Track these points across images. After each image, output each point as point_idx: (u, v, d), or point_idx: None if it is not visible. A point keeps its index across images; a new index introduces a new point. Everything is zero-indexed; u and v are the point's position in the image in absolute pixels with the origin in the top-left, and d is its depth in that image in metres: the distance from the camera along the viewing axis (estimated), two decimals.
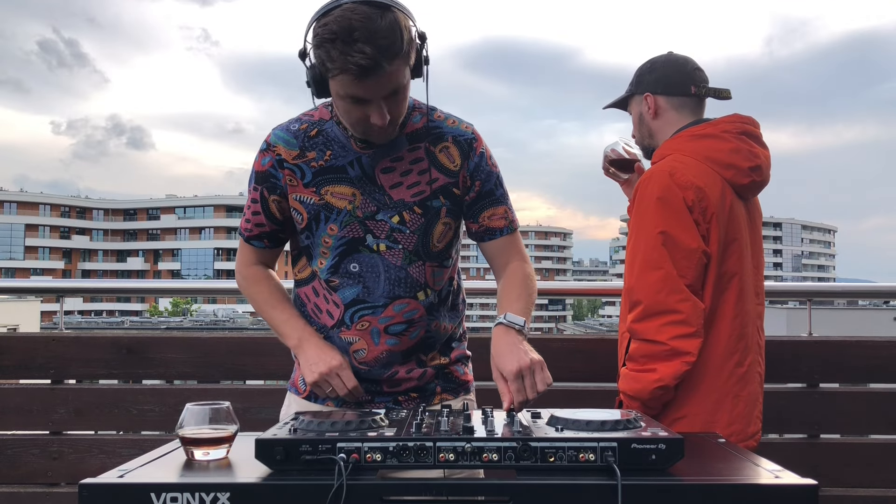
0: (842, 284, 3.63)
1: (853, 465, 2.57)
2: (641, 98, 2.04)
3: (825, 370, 2.57)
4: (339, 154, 1.66)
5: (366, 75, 1.44)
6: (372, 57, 1.41)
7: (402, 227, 1.67)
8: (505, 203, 1.76)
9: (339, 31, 1.41)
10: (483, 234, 1.75)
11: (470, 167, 1.70)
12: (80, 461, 2.61)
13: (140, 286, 5.72)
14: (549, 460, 1.19)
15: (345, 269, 1.68)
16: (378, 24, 1.42)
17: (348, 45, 1.41)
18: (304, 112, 1.72)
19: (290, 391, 1.84)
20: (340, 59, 1.42)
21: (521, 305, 1.67)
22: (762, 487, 1.16)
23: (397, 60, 1.46)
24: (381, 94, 1.49)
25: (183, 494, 1.14)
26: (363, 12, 1.42)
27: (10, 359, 2.66)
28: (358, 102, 1.50)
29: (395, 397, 1.73)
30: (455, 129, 1.71)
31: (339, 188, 1.66)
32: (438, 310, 1.74)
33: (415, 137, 1.67)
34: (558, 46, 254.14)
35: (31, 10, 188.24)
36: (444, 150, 1.69)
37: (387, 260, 1.67)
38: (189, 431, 1.32)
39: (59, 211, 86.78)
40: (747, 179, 1.91)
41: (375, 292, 1.68)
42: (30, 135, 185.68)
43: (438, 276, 1.73)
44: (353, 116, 1.54)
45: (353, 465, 1.18)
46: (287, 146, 1.67)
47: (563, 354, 2.56)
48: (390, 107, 1.52)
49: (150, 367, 2.64)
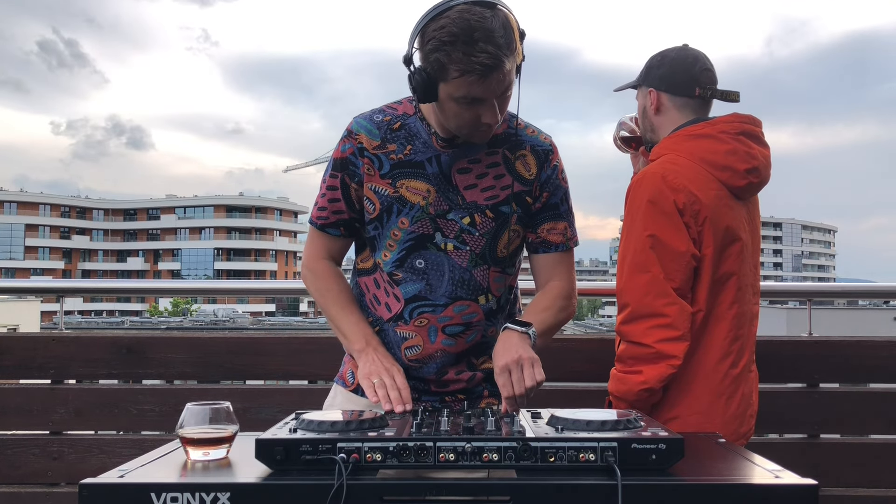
0: (842, 284, 3.63)
1: (853, 465, 2.57)
2: (647, 91, 2.02)
3: (825, 370, 2.57)
4: (420, 150, 1.67)
5: (488, 74, 1.46)
6: (495, 56, 1.44)
7: (472, 229, 1.68)
8: (567, 220, 1.77)
9: (460, 32, 1.44)
10: (538, 245, 1.76)
11: (543, 178, 1.72)
12: (80, 461, 2.61)
13: (140, 286, 5.72)
14: (550, 460, 1.19)
15: (410, 264, 1.69)
16: (493, 24, 1.45)
17: (470, 45, 1.43)
18: (388, 104, 1.74)
19: (338, 384, 1.84)
20: (464, 60, 1.44)
21: (541, 317, 1.67)
22: (762, 487, 1.16)
23: (512, 57, 1.49)
24: (498, 93, 1.51)
25: (183, 494, 1.14)
26: (478, 13, 1.45)
27: (10, 359, 2.66)
28: (472, 103, 1.51)
29: (441, 397, 1.73)
30: (534, 139, 1.73)
31: (414, 183, 1.67)
32: (496, 316, 1.75)
33: (494, 142, 1.69)
34: (557, 46, 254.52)
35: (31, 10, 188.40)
36: (521, 158, 1.70)
37: (453, 260, 1.68)
38: (189, 431, 1.32)
39: (59, 211, 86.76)
40: (744, 182, 1.89)
41: (438, 291, 1.68)
42: (30, 135, 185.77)
43: (500, 282, 1.73)
44: (464, 118, 1.55)
45: (353, 465, 1.18)
46: (369, 135, 1.69)
47: (563, 354, 2.56)
48: (501, 105, 1.54)
49: (150, 367, 2.64)
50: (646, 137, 2.07)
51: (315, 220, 1.78)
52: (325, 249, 1.79)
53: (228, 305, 69.23)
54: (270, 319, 62.90)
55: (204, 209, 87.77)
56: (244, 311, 66.99)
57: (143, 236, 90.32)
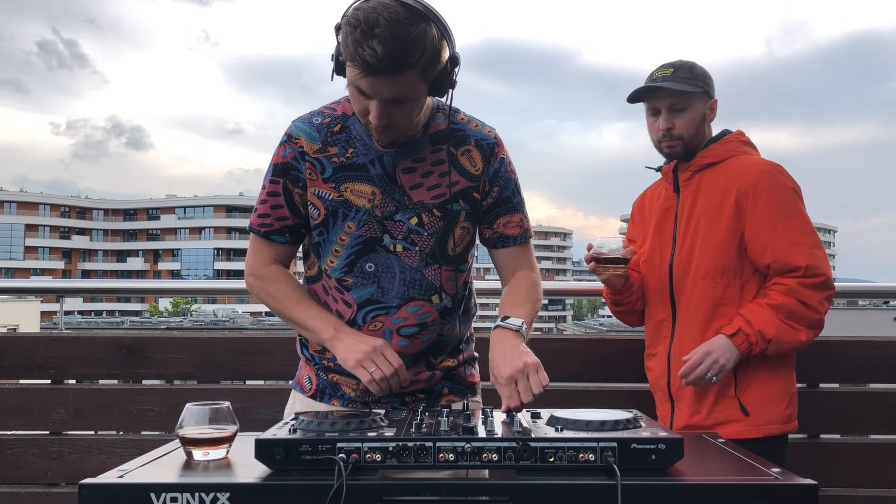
0: (842, 284, 3.61)
1: (853, 465, 2.57)
2: (710, 101, 2.15)
3: (825, 370, 2.57)
4: (362, 152, 1.64)
5: (370, 72, 1.43)
6: (380, 58, 1.40)
7: (420, 230, 1.65)
8: (521, 211, 1.76)
9: (364, 20, 1.40)
10: (497, 240, 1.75)
11: (490, 172, 1.69)
12: (80, 461, 2.61)
13: (140, 286, 5.72)
14: (549, 460, 1.19)
15: (360, 268, 1.66)
16: (403, 30, 1.40)
17: (365, 37, 1.40)
18: (326, 105, 1.70)
19: (295, 389, 1.82)
20: (353, 46, 1.42)
21: (524, 310, 1.66)
22: (762, 487, 1.16)
23: (408, 72, 1.44)
24: (383, 96, 1.47)
25: (183, 494, 1.14)
26: (395, 13, 1.40)
27: (10, 359, 2.66)
28: (362, 94, 1.49)
29: (401, 398, 1.71)
30: (478, 133, 1.70)
31: (359, 186, 1.64)
32: (452, 314, 1.73)
33: (437, 139, 1.66)
34: (557, 47, 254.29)
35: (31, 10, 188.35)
36: (466, 154, 1.68)
37: (403, 261, 1.66)
38: (189, 431, 1.32)
39: (59, 211, 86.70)
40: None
41: (390, 293, 1.66)
42: (29, 135, 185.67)
43: (453, 280, 1.71)
44: (357, 106, 1.54)
45: (353, 465, 1.18)
46: (309, 139, 1.65)
47: (562, 354, 2.56)
48: (392, 112, 1.50)
49: (150, 367, 2.64)
50: (692, 144, 2.14)
51: (257, 228, 1.72)
52: (270, 257, 1.73)
53: (228, 305, 69.18)
54: (270, 319, 62.75)
55: (204, 209, 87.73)
56: (244, 311, 66.84)
57: (143, 236, 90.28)
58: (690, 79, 2.09)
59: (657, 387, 2.22)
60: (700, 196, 2.12)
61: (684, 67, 2.11)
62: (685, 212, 2.14)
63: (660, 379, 2.19)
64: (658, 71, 2.13)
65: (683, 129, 2.10)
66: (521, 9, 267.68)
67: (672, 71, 2.10)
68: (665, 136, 2.12)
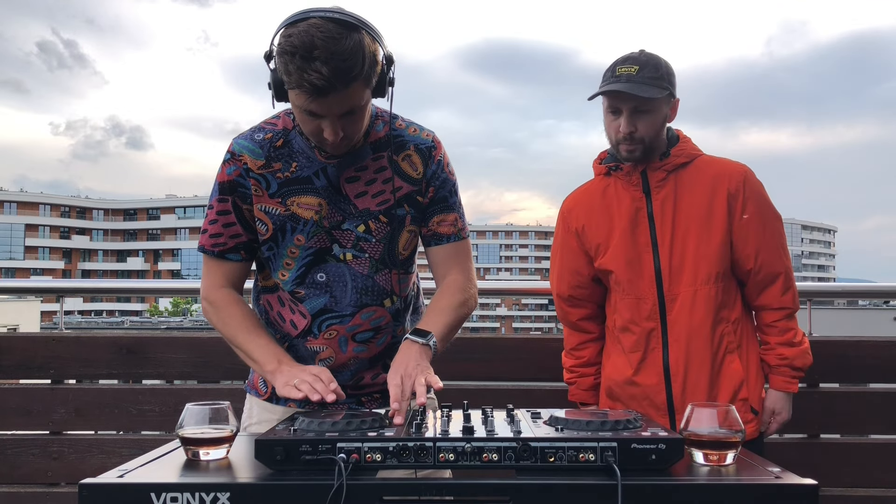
0: (842, 284, 3.63)
1: (853, 465, 2.57)
2: (673, 101, 2.03)
3: (825, 370, 2.57)
4: (305, 165, 1.65)
5: (319, 94, 1.44)
6: (328, 78, 1.41)
7: (368, 237, 1.68)
8: (456, 211, 1.76)
9: (300, 45, 1.41)
10: (430, 238, 1.75)
11: (428, 174, 1.71)
12: (80, 461, 2.61)
13: (140, 286, 5.71)
14: (549, 460, 1.19)
15: (311, 279, 1.68)
16: (340, 46, 1.41)
17: (307, 62, 1.41)
18: (266, 120, 1.70)
19: (250, 393, 1.82)
20: (297, 73, 1.42)
21: (443, 319, 1.65)
22: (762, 487, 1.16)
23: (355, 84, 1.46)
24: (335, 113, 1.49)
25: (183, 494, 1.14)
26: (328, 31, 1.41)
27: (10, 359, 2.66)
28: (312, 116, 1.50)
29: (358, 398, 1.74)
30: (416, 138, 1.71)
31: (305, 198, 1.65)
32: (403, 315, 1.76)
33: (378, 146, 1.68)
34: (557, 47, 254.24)
35: (31, 10, 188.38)
36: (406, 159, 1.70)
37: (353, 269, 1.68)
38: (189, 431, 1.32)
39: (59, 211, 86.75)
40: None
41: (343, 301, 1.68)
42: (29, 135, 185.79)
43: (404, 282, 1.74)
44: (307, 128, 1.55)
45: (353, 465, 1.18)
46: (253, 156, 1.65)
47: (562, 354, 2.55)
48: (345, 124, 1.52)
49: (150, 367, 2.64)
50: (652, 145, 2.01)
51: (210, 249, 1.70)
52: (224, 277, 1.72)
53: None
54: None
55: (204, 209, 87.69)
56: None
57: (143, 236, 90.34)
58: (656, 79, 1.95)
59: (648, 402, 2.03)
60: (682, 197, 2.01)
61: (650, 65, 1.96)
62: (662, 214, 2.02)
63: (653, 394, 2.02)
64: (622, 67, 1.97)
65: (645, 132, 1.97)
66: (521, 8, 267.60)
67: (637, 69, 1.95)
68: (625, 140, 1.98)
